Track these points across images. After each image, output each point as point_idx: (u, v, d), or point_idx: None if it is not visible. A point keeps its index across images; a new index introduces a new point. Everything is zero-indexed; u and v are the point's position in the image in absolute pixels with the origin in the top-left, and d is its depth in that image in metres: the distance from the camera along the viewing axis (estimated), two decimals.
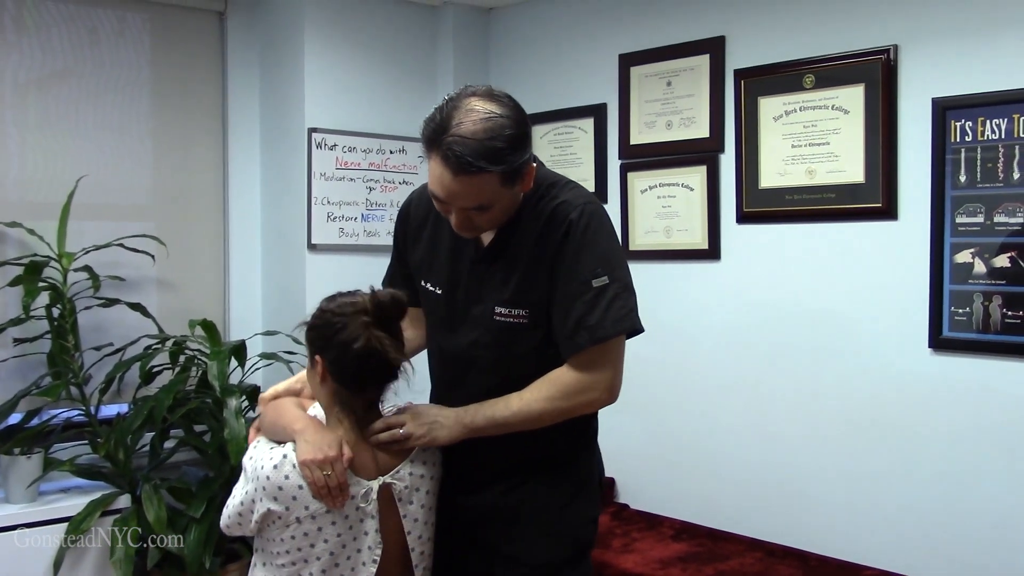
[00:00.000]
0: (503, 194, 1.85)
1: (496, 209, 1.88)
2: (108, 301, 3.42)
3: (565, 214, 1.93)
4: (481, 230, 1.94)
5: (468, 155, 1.76)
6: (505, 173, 1.81)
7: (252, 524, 1.87)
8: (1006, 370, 2.81)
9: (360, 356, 1.87)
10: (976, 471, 2.88)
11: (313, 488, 1.82)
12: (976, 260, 2.85)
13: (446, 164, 1.79)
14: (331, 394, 1.94)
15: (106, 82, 3.67)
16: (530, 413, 1.94)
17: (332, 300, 1.96)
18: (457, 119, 1.79)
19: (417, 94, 4.14)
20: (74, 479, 3.38)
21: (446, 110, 1.81)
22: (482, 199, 1.83)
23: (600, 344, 1.90)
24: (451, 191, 1.82)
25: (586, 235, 1.91)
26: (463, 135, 1.77)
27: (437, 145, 1.80)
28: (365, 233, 3.97)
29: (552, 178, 2.02)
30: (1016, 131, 2.75)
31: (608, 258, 1.93)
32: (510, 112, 1.83)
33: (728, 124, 3.46)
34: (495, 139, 1.78)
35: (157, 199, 3.82)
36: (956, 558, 2.92)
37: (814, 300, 3.24)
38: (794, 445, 3.29)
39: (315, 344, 1.94)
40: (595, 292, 1.90)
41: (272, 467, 1.83)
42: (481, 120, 1.78)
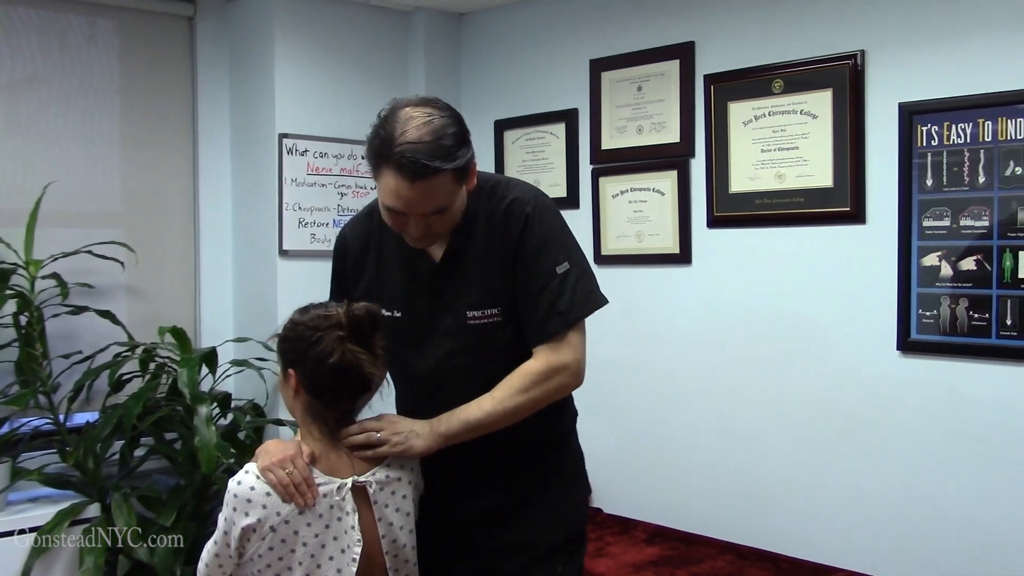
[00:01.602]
0: (456, 193, 1.90)
1: (451, 210, 1.92)
2: (77, 308, 3.39)
3: (520, 211, 1.98)
4: (439, 237, 1.97)
5: (422, 158, 1.79)
6: (457, 170, 1.85)
7: (232, 552, 1.85)
8: (973, 372, 2.84)
9: (335, 371, 1.87)
10: (944, 472, 2.90)
11: (279, 489, 1.82)
12: (943, 263, 2.88)
13: (401, 173, 1.81)
14: (304, 406, 1.94)
15: (75, 88, 3.63)
16: (504, 410, 1.96)
17: (305, 312, 1.94)
18: (400, 129, 1.82)
19: (388, 100, 4.10)
20: (42, 488, 3.34)
21: (386, 125, 1.85)
22: (440, 201, 1.86)
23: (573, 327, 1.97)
24: (409, 199, 1.84)
25: (543, 227, 1.99)
26: (411, 141, 1.80)
27: (387, 157, 1.82)
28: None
29: (493, 178, 2.07)
30: (981, 135, 2.79)
31: (565, 244, 2.01)
32: (447, 113, 1.88)
33: (698, 129, 3.48)
34: (442, 138, 1.82)
35: (126, 205, 3.79)
36: (925, 559, 2.94)
37: (784, 304, 3.26)
38: (765, 448, 3.31)
39: (288, 357, 1.94)
40: (560, 279, 1.97)
41: (236, 483, 1.84)
42: (424, 124, 1.82)
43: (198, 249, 3.96)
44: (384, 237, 2.09)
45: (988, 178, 2.78)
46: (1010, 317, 2.75)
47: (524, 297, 1.98)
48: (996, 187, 2.77)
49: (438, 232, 1.95)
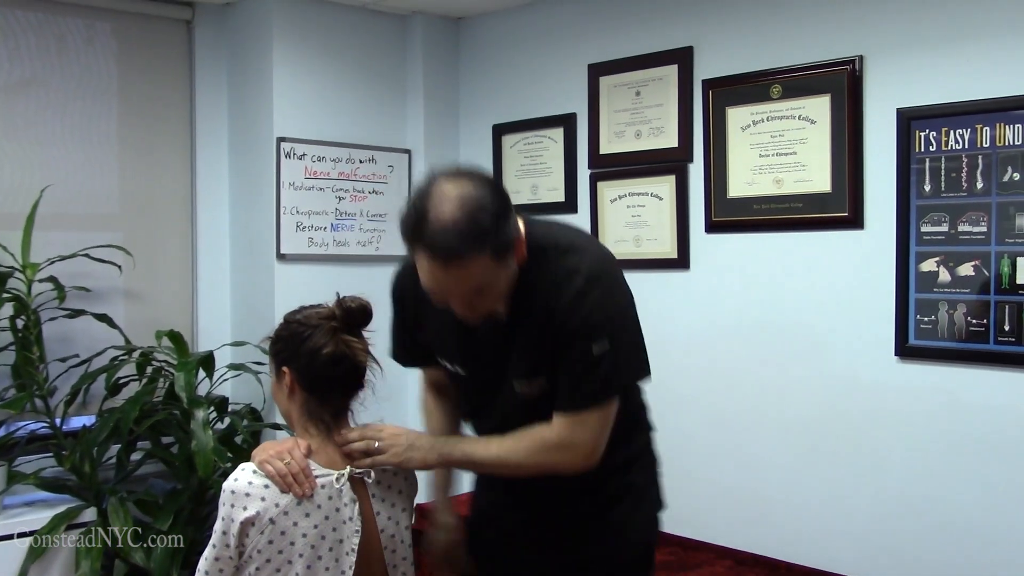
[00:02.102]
0: (498, 272, 1.80)
1: (495, 288, 1.83)
2: (74, 312, 3.39)
3: (571, 283, 1.87)
4: (487, 312, 1.89)
5: (454, 243, 1.70)
6: (495, 249, 1.76)
7: (232, 551, 1.85)
8: (971, 377, 2.84)
9: (329, 362, 1.89)
10: (943, 478, 2.90)
11: (277, 480, 1.83)
12: (941, 269, 2.88)
13: (433, 257, 1.74)
14: (299, 406, 1.95)
15: (73, 91, 3.63)
16: (507, 463, 1.96)
17: (297, 312, 1.98)
18: (432, 208, 1.72)
19: (386, 103, 4.14)
20: (39, 492, 3.33)
21: (419, 201, 1.75)
22: (477, 282, 1.78)
23: (593, 408, 1.90)
24: (445, 282, 1.78)
25: (590, 302, 1.87)
26: (444, 224, 1.70)
27: (419, 240, 1.74)
28: (335, 243, 3.95)
29: (556, 238, 1.95)
30: (979, 141, 2.79)
31: (610, 323, 1.90)
32: (484, 187, 1.77)
33: (696, 134, 3.48)
34: (477, 218, 1.72)
35: (124, 209, 3.79)
36: (923, 565, 2.94)
37: (782, 309, 3.26)
38: (763, 454, 3.31)
39: (281, 356, 1.96)
40: (595, 360, 1.87)
41: (233, 480, 1.85)
42: (457, 203, 1.71)
43: (196, 253, 3.95)
44: None
45: (986, 184, 2.78)
46: (1008, 323, 2.75)
47: (561, 369, 1.91)
48: (994, 193, 2.77)
49: (484, 309, 1.87)
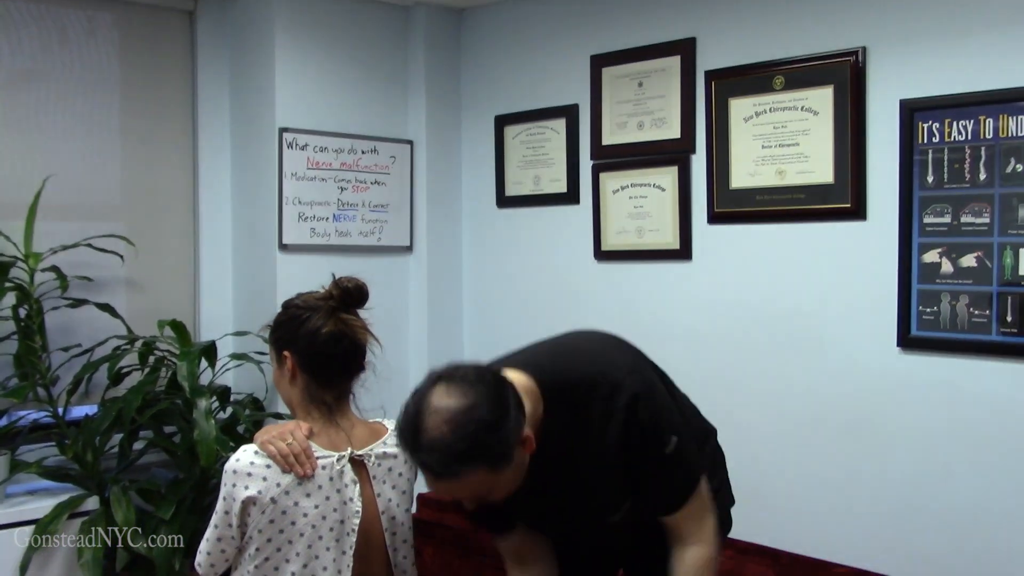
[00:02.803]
0: (498, 478, 1.74)
1: (501, 487, 1.78)
2: (76, 301, 3.39)
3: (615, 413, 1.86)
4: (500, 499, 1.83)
5: (444, 464, 1.67)
6: (491, 461, 1.70)
7: (234, 531, 1.86)
8: (973, 368, 2.84)
9: (329, 340, 1.93)
10: (945, 468, 2.91)
11: (278, 460, 1.85)
12: (943, 260, 2.88)
13: (427, 473, 1.72)
14: (301, 390, 1.98)
15: (75, 82, 3.63)
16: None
17: (295, 298, 2.04)
18: (424, 422, 1.67)
19: (388, 94, 4.14)
20: (41, 481, 3.34)
21: (412, 412, 1.70)
22: (479, 491, 1.75)
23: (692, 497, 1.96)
24: (444, 493, 1.77)
25: (641, 423, 1.87)
26: (433, 442, 1.66)
27: (414, 455, 1.72)
28: (337, 233, 3.95)
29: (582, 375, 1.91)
30: (982, 133, 2.79)
31: (667, 422, 1.94)
32: (478, 396, 1.69)
33: (699, 125, 3.48)
34: (467, 438, 1.66)
35: (126, 199, 3.79)
36: (925, 554, 2.95)
37: (784, 300, 3.26)
38: (764, 444, 3.31)
39: (282, 341, 2.01)
40: (669, 457, 1.91)
41: (234, 460, 1.89)
42: (448, 418, 1.66)
43: (198, 243, 3.96)
44: None
45: (989, 175, 2.78)
46: (1010, 314, 2.75)
47: (640, 481, 1.94)
48: (997, 184, 2.77)
49: (493, 501, 1.82)
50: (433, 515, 3.61)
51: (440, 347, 4.14)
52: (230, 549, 1.90)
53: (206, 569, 1.95)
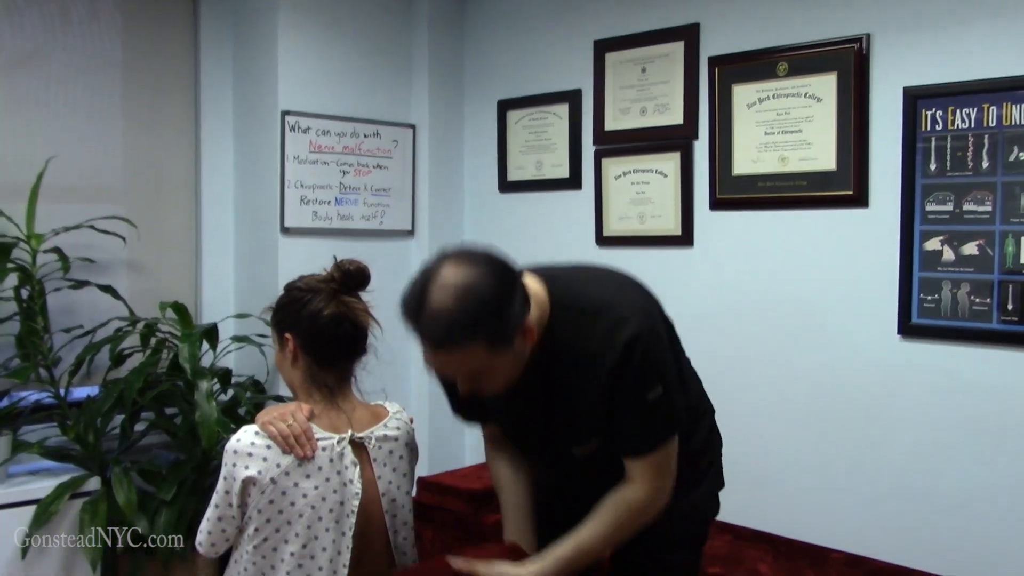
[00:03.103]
0: (494, 359, 1.77)
1: (498, 371, 1.81)
2: (78, 283, 3.39)
3: (614, 342, 1.85)
4: (495, 389, 1.87)
5: (444, 332, 1.70)
6: (489, 339, 1.73)
7: (234, 510, 1.88)
8: (973, 356, 2.85)
9: (330, 322, 1.93)
10: (943, 455, 2.92)
11: (279, 441, 1.86)
12: (945, 248, 2.88)
13: (425, 341, 1.74)
14: (303, 372, 1.99)
15: (77, 64, 3.62)
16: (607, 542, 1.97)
17: (296, 280, 2.05)
18: (429, 295, 1.70)
19: (391, 78, 4.13)
20: (43, 461, 3.34)
21: (419, 284, 1.73)
22: (473, 367, 1.77)
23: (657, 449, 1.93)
24: (439, 364, 1.80)
25: (635, 361, 1.86)
26: (436, 312, 1.69)
27: (415, 324, 1.74)
28: (339, 217, 3.96)
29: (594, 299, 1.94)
30: (985, 121, 2.79)
31: (662, 370, 1.92)
32: (485, 274, 1.72)
33: (702, 111, 3.47)
34: (470, 311, 1.69)
35: (128, 181, 3.79)
36: (923, 540, 2.96)
37: (785, 287, 3.27)
38: (764, 431, 3.32)
39: (284, 323, 2.02)
40: (650, 405, 1.90)
41: (235, 440, 1.90)
42: (453, 292, 1.69)
43: (199, 225, 3.96)
44: None
45: (992, 163, 2.78)
46: (1011, 302, 2.76)
47: (618, 420, 1.93)
48: (1000, 172, 2.77)
49: (492, 389, 1.86)
50: (433, 498, 3.62)
51: None
52: (230, 528, 1.92)
53: (207, 548, 1.96)
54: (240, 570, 1.94)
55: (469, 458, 4.32)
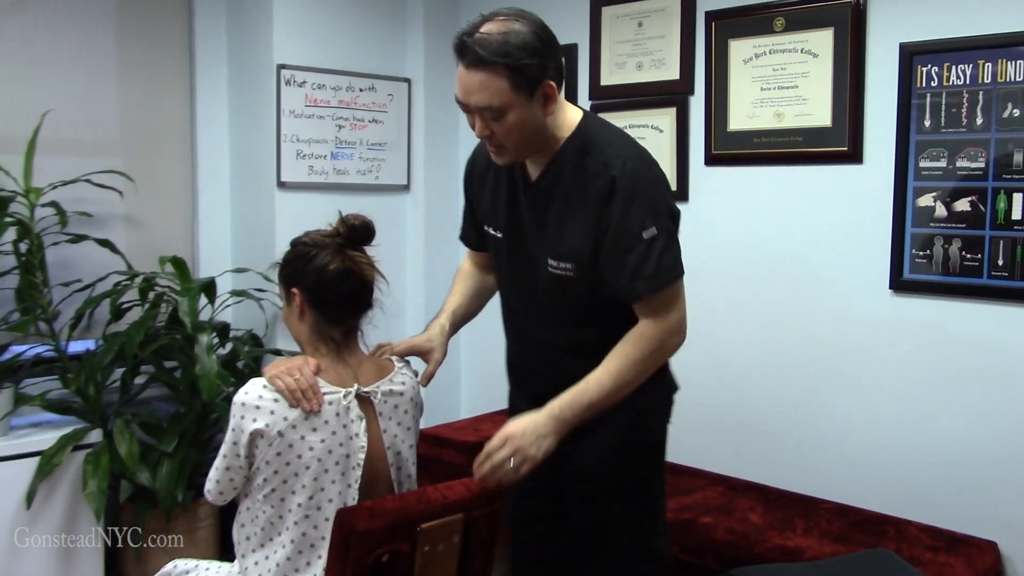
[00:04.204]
0: (515, 101, 1.93)
1: (511, 119, 1.94)
2: (76, 237, 3.40)
3: (608, 172, 1.98)
4: (504, 149, 2.01)
5: (479, 51, 1.89)
6: (514, 73, 1.90)
7: (242, 461, 1.92)
8: (964, 311, 2.89)
9: (337, 277, 1.95)
10: (933, 408, 2.97)
11: (286, 394, 1.89)
12: (938, 204, 2.91)
13: (462, 58, 1.92)
14: (309, 326, 2.02)
15: (67, 12, 3.58)
16: (625, 383, 2.00)
17: (302, 236, 2.05)
18: (480, 25, 1.93)
19: (386, 32, 4.12)
20: (45, 414, 3.38)
21: (476, 20, 1.96)
22: (492, 97, 1.92)
23: (660, 292, 1.99)
24: (465, 86, 1.93)
25: (631, 190, 1.97)
26: (482, 34, 1.91)
27: (458, 45, 1.93)
28: (335, 171, 3.96)
29: (601, 135, 2.07)
30: (980, 77, 2.80)
31: (654, 210, 1.99)
32: (532, 28, 1.93)
33: (698, 66, 3.48)
34: (509, 41, 1.89)
35: (124, 135, 3.78)
36: (911, 490, 3.02)
37: (780, 242, 3.30)
38: (757, 383, 3.37)
39: (290, 278, 2.02)
40: (646, 244, 1.96)
41: (243, 393, 1.91)
42: (502, 25, 1.92)
43: (196, 179, 3.96)
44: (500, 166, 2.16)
45: (986, 120, 2.80)
46: (1002, 257, 2.79)
47: (608, 260, 2.00)
48: (993, 129, 2.79)
49: (506, 145, 2.00)
50: (431, 451, 3.68)
51: (437, 284, 4.17)
52: (238, 478, 1.96)
53: (215, 496, 2.00)
54: (250, 519, 1.98)
55: (465, 411, 4.37)
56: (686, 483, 3.35)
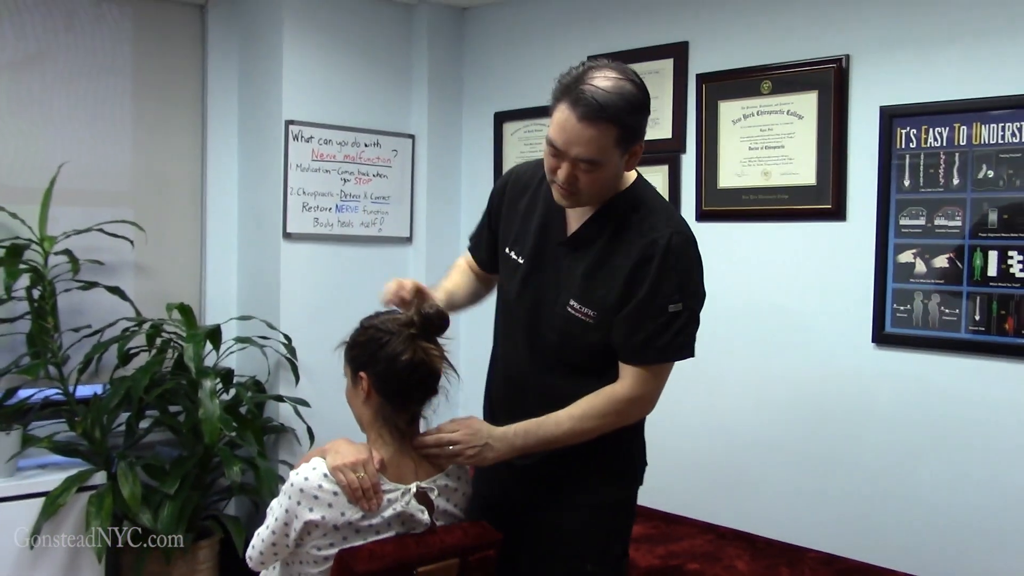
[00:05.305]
0: (613, 157, 1.97)
1: (601, 174, 1.98)
2: (87, 284, 3.51)
3: (654, 237, 2.03)
4: (581, 199, 2.04)
5: (597, 101, 1.90)
6: (623, 132, 1.94)
7: (290, 542, 1.90)
8: (942, 364, 2.97)
9: (407, 368, 1.94)
10: (914, 458, 3.04)
11: (347, 491, 1.88)
12: (918, 260, 3.01)
13: (574, 107, 1.92)
14: (374, 411, 2.01)
15: (81, 68, 3.73)
16: (582, 431, 2.06)
17: (373, 317, 2.03)
18: (591, 76, 1.94)
19: (392, 90, 4.26)
20: (52, 455, 3.46)
21: (582, 69, 1.97)
22: (596, 152, 1.94)
23: (663, 365, 2.07)
24: (571, 135, 1.93)
25: (670, 262, 2.02)
26: (596, 86, 1.92)
27: (569, 92, 1.94)
28: (339, 223, 4.08)
29: (653, 199, 2.13)
30: (956, 139, 2.91)
31: (686, 286, 2.06)
32: (639, 85, 1.99)
33: (690, 126, 3.60)
34: (623, 97, 1.93)
35: (136, 186, 3.91)
36: (894, 540, 3.07)
37: (767, 295, 3.39)
38: (744, 434, 3.45)
39: (359, 360, 2.00)
40: (668, 317, 2.03)
41: (303, 479, 1.89)
42: (614, 79, 1.94)
43: (205, 230, 4.08)
44: (541, 192, 2.19)
45: (962, 180, 2.91)
46: (979, 313, 2.88)
47: (627, 318, 2.04)
48: (969, 189, 2.89)
49: (583, 192, 2.01)
50: None
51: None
52: (282, 553, 1.96)
53: (256, 564, 2.01)
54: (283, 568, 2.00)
55: None
56: (676, 531, 3.41)
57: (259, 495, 3.49)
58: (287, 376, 3.87)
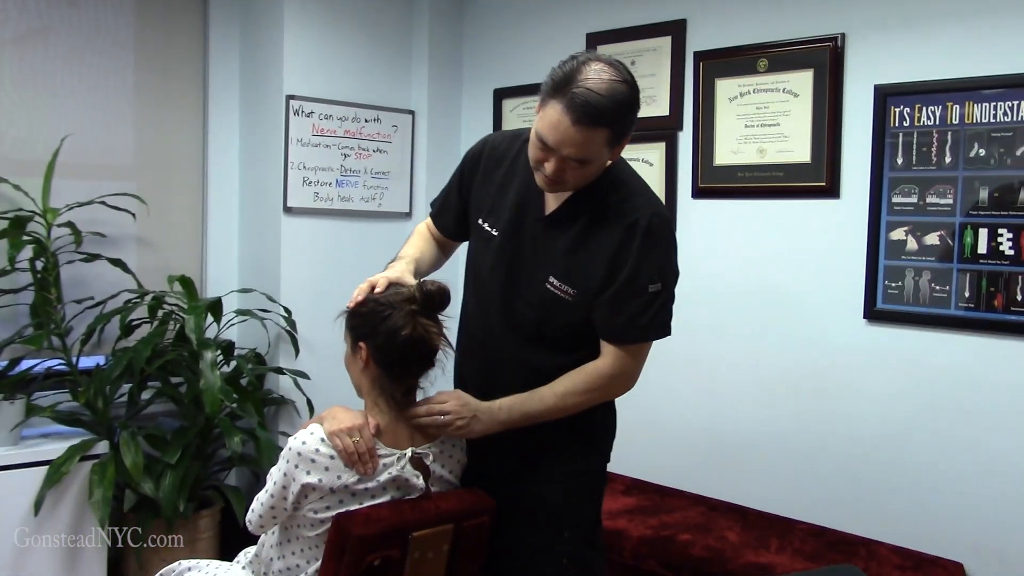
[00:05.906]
0: (602, 154, 1.98)
1: (590, 169, 2.00)
2: (90, 256, 3.54)
3: (635, 216, 2.05)
4: (565, 188, 2.05)
5: (592, 105, 1.88)
6: (614, 133, 1.95)
7: (288, 505, 1.94)
8: (933, 340, 3.02)
9: (406, 343, 1.97)
10: (904, 432, 3.09)
11: (343, 455, 1.92)
12: (909, 237, 3.05)
13: (568, 111, 1.89)
14: (371, 380, 2.05)
15: (85, 42, 3.75)
16: (564, 407, 2.10)
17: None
18: (584, 75, 1.90)
19: (392, 66, 4.28)
20: (55, 425, 3.50)
21: (574, 66, 1.92)
22: (588, 153, 1.94)
23: (644, 344, 2.11)
24: (564, 138, 1.92)
25: (651, 243, 2.05)
26: (590, 88, 1.88)
27: (562, 93, 1.90)
28: (339, 198, 4.11)
29: (632, 179, 2.14)
30: (949, 118, 2.94)
31: (665, 267, 2.10)
32: (630, 84, 1.95)
33: (687, 103, 3.63)
34: (616, 100, 1.90)
35: (138, 160, 3.94)
36: (882, 513, 3.13)
37: (761, 272, 3.43)
38: (737, 409, 3.50)
39: (359, 331, 2.03)
40: (649, 297, 2.06)
41: (301, 443, 1.93)
42: (607, 81, 1.90)
43: (206, 203, 4.12)
44: (518, 165, 2.18)
45: (954, 158, 2.94)
46: (968, 290, 2.92)
47: (610, 299, 2.06)
48: (961, 167, 2.93)
49: (569, 182, 2.02)
50: None
51: None
52: (280, 516, 2.00)
53: (255, 527, 2.05)
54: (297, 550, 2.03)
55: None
56: (669, 503, 3.47)
57: (259, 466, 3.54)
58: (287, 348, 3.92)
